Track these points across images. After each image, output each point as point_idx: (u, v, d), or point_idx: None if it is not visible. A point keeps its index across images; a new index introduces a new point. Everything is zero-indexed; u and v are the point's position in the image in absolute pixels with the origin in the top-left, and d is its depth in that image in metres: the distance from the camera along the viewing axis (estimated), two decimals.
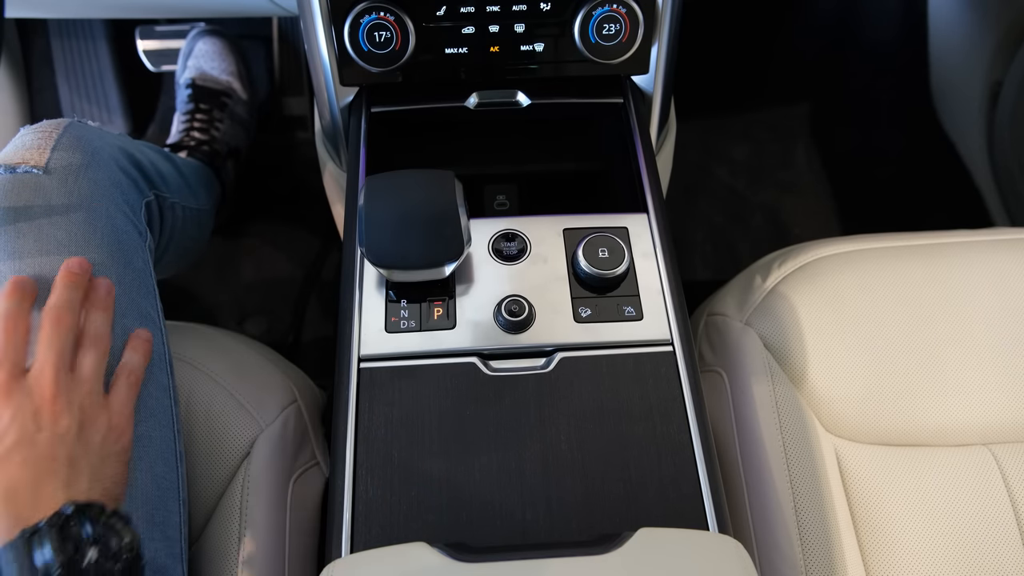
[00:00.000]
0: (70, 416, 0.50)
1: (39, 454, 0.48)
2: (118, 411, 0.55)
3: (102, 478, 0.51)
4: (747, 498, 0.70)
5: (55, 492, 0.47)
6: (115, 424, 0.54)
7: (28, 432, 0.48)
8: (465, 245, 0.55)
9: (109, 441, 0.53)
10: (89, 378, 0.53)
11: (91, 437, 0.51)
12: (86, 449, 0.50)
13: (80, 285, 0.57)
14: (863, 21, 1.55)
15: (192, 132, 1.18)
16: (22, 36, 1.33)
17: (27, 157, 0.64)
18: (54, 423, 0.49)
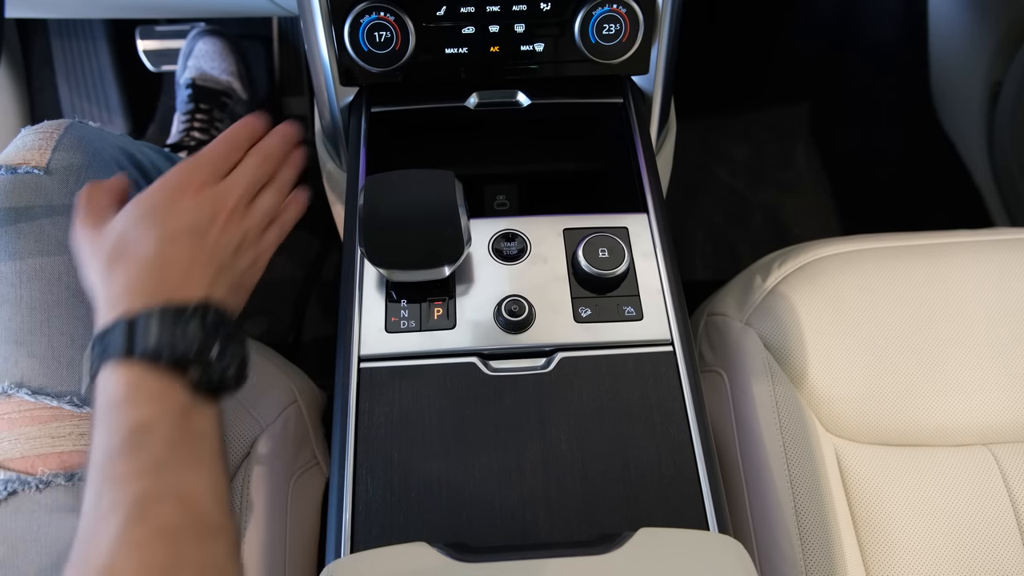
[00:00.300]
0: (234, 233, 0.54)
1: (200, 249, 0.51)
2: (264, 250, 0.58)
3: (236, 295, 0.55)
4: (747, 498, 0.70)
5: (200, 285, 0.50)
6: (258, 260, 0.58)
7: (201, 226, 0.52)
8: (465, 245, 0.55)
9: (250, 273, 0.56)
10: (260, 214, 0.57)
11: (240, 260, 0.55)
12: (232, 267, 0.54)
13: (291, 143, 0.62)
14: (863, 21, 1.55)
15: (192, 132, 1.19)
16: (22, 36, 1.34)
17: (28, 158, 0.64)
18: (222, 232, 0.53)
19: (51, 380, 0.59)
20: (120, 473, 0.41)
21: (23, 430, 0.57)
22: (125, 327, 0.46)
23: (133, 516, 0.39)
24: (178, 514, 0.41)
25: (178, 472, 0.42)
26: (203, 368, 0.46)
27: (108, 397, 0.44)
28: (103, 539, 0.39)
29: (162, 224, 0.51)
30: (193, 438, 0.45)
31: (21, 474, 0.56)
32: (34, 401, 0.58)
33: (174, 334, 0.45)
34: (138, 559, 0.38)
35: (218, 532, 0.42)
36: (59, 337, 0.60)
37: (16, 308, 0.60)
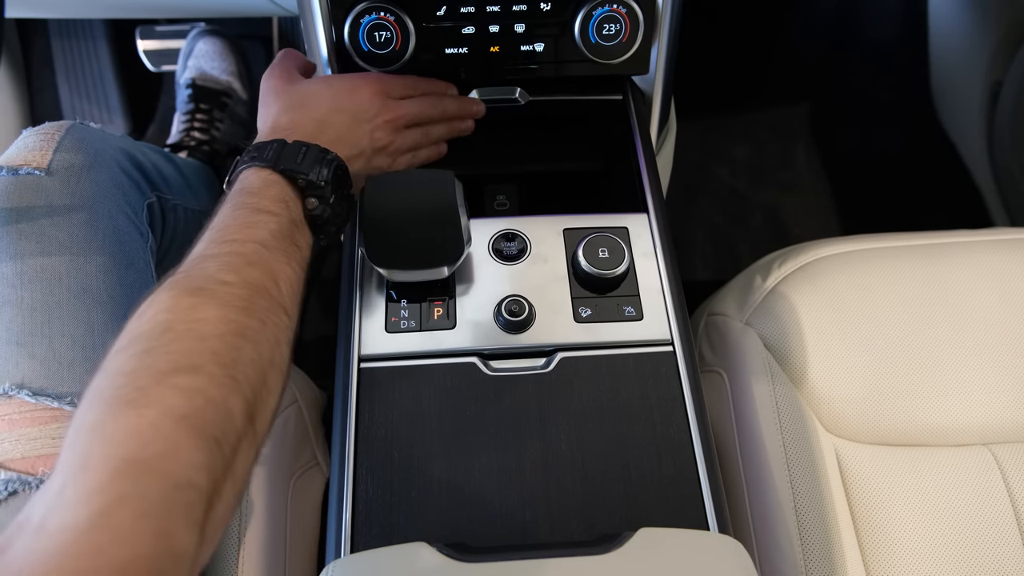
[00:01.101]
0: (383, 136, 0.63)
1: (357, 129, 0.61)
2: (395, 165, 0.65)
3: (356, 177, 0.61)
4: (747, 498, 0.70)
5: (344, 151, 0.59)
6: (385, 169, 0.64)
7: (366, 116, 0.62)
8: (465, 245, 0.55)
9: (374, 171, 0.63)
10: (406, 138, 0.66)
11: (375, 158, 0.63)
12: (368, 157, 0.62)
13: (465, 113, 0.70)
14: (863, 21, 1.55)
15: (193, 132, 1.18)
16: (22, 36, 1.33)
17: (29, 159, 0.64)
18: (376, 129, 0.63)
19: (52, 381, 0.59)
20: (231, 236, 0.48)
21: (24, 431, 0.57)
22: (280, 146, 0.55)
23: (230, 265, 0.46)
24: (264, 280, 0.47)
25: (274, 256, 0.49)
26: (321, 201, 0.54)
27: (245, 185, 0.53)
28: (201, 272, 0.45)
29: (338, 99, 0.62)
30: (293, 243, 0.52)
31: (22, 474, 0.56)
32: (35, 402, 0.58)
33: (312, 168, 0.54)
34: (221, 296, 0.43)
35: (285, 312, 0.48)
36: (60, 338, 0.60)
37: (17, 309, 0.60)
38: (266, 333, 0.44)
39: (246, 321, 0.43)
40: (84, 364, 0.60)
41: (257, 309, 0.44)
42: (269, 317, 0.45)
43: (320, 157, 0.55)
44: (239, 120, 1.25)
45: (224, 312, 0.42)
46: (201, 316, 0.41)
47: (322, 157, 0.55)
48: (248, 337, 0.42)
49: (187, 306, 0.42)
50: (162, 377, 0.38)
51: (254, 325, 0.43)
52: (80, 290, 0.61)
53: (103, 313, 0.62)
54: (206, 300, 0.43)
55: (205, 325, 0.41)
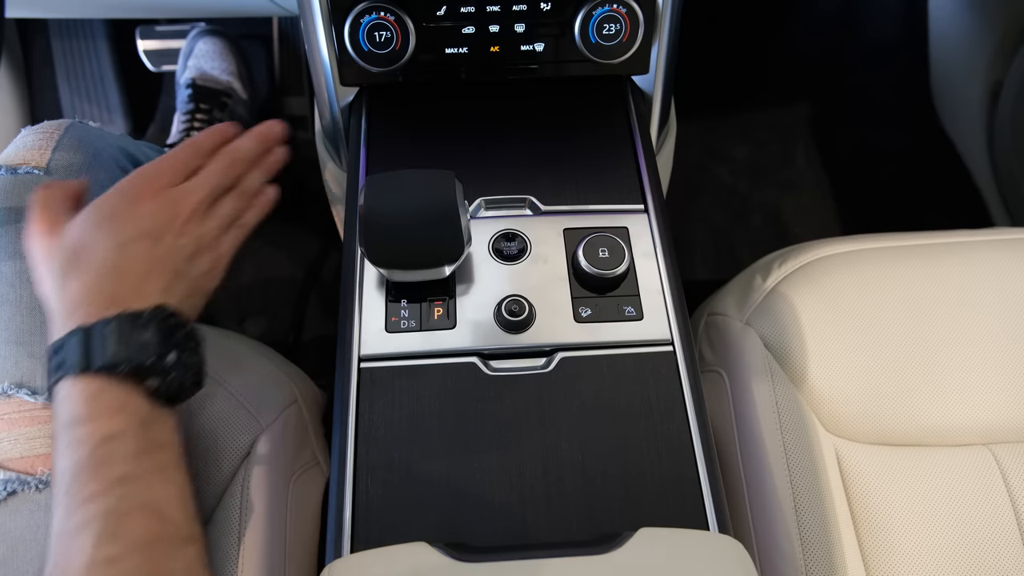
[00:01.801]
0: (191, 238, 0.53)
1: (156, 254, 0.51)
2: (222, 255, 0.57)
3: (193, 299, 0.54)
4: (747, 498, 0.70)
5: (155, 291, 0.50)
6: (215, 265, 0.56)
7: (157, 231, 0.51)
8: (465, 245, 0.55)
9: (207, 277, 0.55)
10: (218, 218, 0.56)
11: (196, 265, 0.54)
12: (188, 272, 0.53)
13: (266, 145, 0.61)
14: (863, 21, 1.55)
15: (192, 132, 1.19)
16: (22, 36, 1.34)
17: (28, 158, 0.64)
18: (178, 237, 0.52)
19: None
20: (88, 490, 0.41)
21: (23, 430, 0.57)
22: (82, 338, 0.45)
23: (105, 532, 0.39)
24: (149, 526, 0.41)
25: (145, 483, 0.42)
26: (161, 376, 0.46)
27: (69, 412, 0.44)
28: (77, 559, 0.39)
29: (118, 230, 0.50)
30: (157, 448, 0.45)
31: (21, 474, 0.56)
32: (34, 401, 0.58)
33: (130, 344, 0.45)
34: (116, 569, 0.38)
35: (189, 540, 0.43)
36: None
37: (16, 308, 0.60)
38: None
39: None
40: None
41: (160, 569, 0.40)
42: (175, 564, 0.41)
43: (132, 324, 0.46)
44: (239, 120, 1.25)
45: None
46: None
47: (134, 323, 0.46)
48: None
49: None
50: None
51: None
52: None
53: None
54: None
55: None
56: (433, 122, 0.70)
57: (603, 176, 0.66)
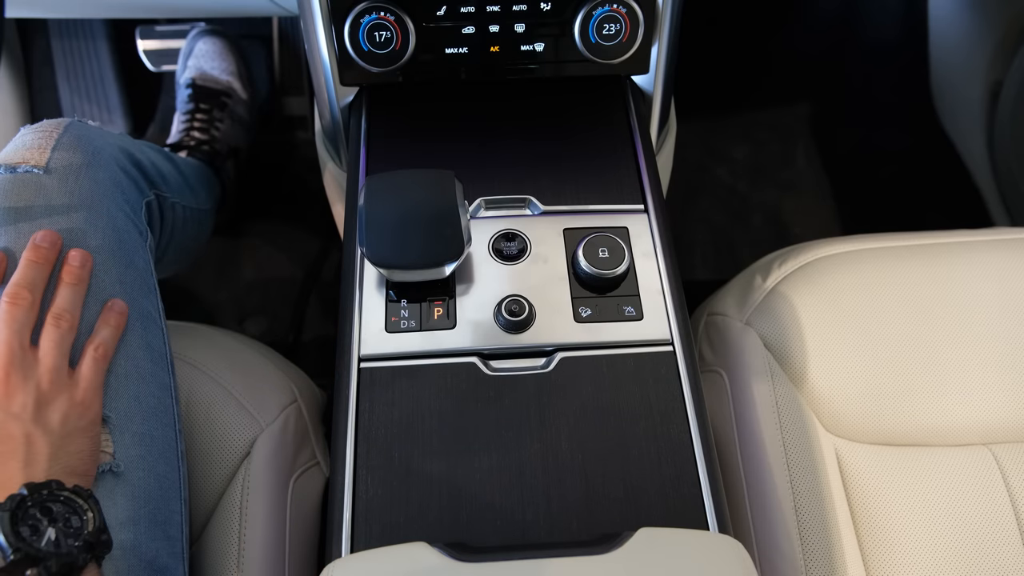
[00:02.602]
0: (25, 393, 0.50)
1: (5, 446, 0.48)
2: (84, 386, 0.54)
3: (65, 455, 0.50)
4: (747, 498, 0.70)
5: (13, 473, 0.47)
6: (80, 400, 0.53)
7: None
8: (465, 245, 0.55)
9: (72, 417, 0.52)
10: (49, 355, 0.53)
11: (49, 415, 0.50)
12: (45, 427, 0.49)
13: (46, 261, 0.56)
14: (864, 21, 1.55)
15: (192, 132, 1.19)
16: (23, 36, 1.34)
17: (28, 157, 0.64)
18: (8, 402, 0.49)
19: None
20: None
21: None
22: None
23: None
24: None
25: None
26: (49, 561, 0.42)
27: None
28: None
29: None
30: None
31: None
32: None
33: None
34: None
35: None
36: None
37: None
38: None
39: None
40: None
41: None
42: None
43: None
44: (239, 120, 1.25)
45: None
46: None
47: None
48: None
49: None
50: None
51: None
52: None
53: None
54: None
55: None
56: (433, 122, 0.70)
57: (603, 176, 0.66)
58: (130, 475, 0.58)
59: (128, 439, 0.59)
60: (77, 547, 0.44)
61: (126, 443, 0.59)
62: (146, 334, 0.64)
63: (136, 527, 0.57)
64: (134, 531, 0.57)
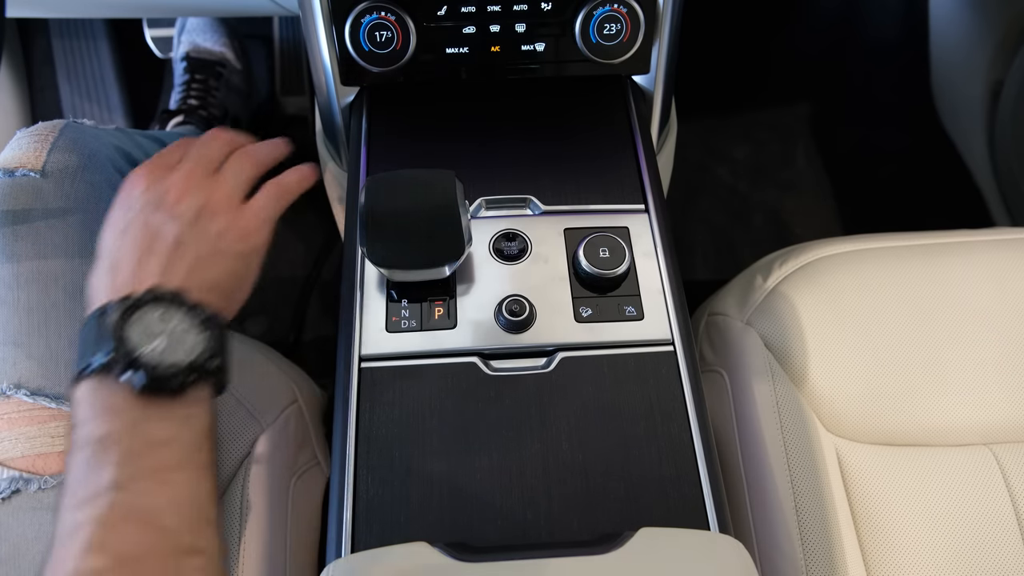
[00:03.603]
0: (191, 200, 0.49)
1: (150, 231, 0.47)
2: (251, 215, 0.52)
3: (210, 271, 0.48)
4: (748, 498, 0.70)
5: (149, 272, 0.46)
6: (243, 225, 0.51)
7: (149, 207, 0.48)
8: (466, 245, 0.55)
9: (230, 237, 0.50)
10: (228, 180, 0.52)
11: (208, 227, 0.49)
12: (199, 237, 0.48)
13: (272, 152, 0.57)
14: (864, 21, 1.55)
15: (189, 100, 1.19)
16: (23, 36, 1.34)
17: (24, 160, 0.65)
18: (174, 204, 0.49)
19: (49, 381, 0.59)
20: (80, 495, 0.38)
21: (23, 430, 0.57)
22: (81, 341, 0.43)
23: (92, 542, 0.36)
24: (140, 537, 0.37)
25: (137, 490, 0.39)
26: (148, 370, 0.41)
27: (73, 416, 0.42)
28: (63, 567, 0.36)
29: (115, 222, 0.49)
30: (152, 448, 0.40)
31: (24, 473, 0.57)
32: (32, 402, 0.58)
33: (99, 339, 0.42)
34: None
35: (189, 552, 0.38)
36: (56, 339, 0.60)
37: (14, 310, 0.60)
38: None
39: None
40: None
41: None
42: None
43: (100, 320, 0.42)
44: (235, 89, 1.25)
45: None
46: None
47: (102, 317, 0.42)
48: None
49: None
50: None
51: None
52: (76, 290, 0.61)
53: None
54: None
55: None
56: (433, 122, 0.70)
57: (604, 176, 0.66)
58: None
59: None
60: (181, 366, 0.42)
61: None
62: None
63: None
64: None
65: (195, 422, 0.43)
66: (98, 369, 0.41)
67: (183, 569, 0.37)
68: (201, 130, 1.14)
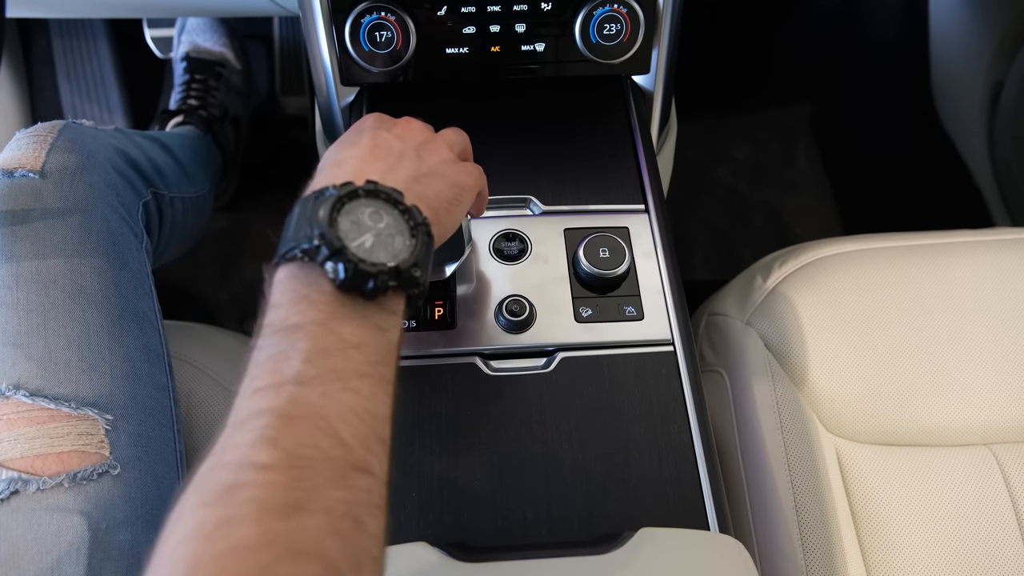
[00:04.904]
0: (416, 135, 0.50)
1: (378, 142, 0.47)
2: (465, 166, 0.51)
3: (425, 184, 0.47)
4: (748, 498, 0.70)
5: (372, 170, 0.45)
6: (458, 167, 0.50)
7: (378, 129, 0.48)
8: (466, 246, 0.55)
9: (447, 168, 0.49)
10: (444, 136, 0.52)
11: (429, 152, 0.49)
12: (420, 156, 0.48)
13: None
14: (864, 20, 1.55)
15: (189, 100, 1.19)
16: (23, 36, 1.34)
17: (23, 161, 0.65)
18: (402, 134, 0.49)
19: (48, 382, 0.59)
20: (261, 382, 0.36)
21: (22, 431, 0.57)
22: (291, 221, 0.41)
23: (264, 435, 0.33)
24: (315, 439, 0.34)
25: (320, 390, 0.36)
26: (352, 263, 0.38)
27: (267, 300, 0.39)
28: (231, 454, 0.34)
29: (343, 139, 0.49)
30: (339, 349, 0.37)
31: (23, 474, 0.57)
32: (31, 403, 0.58)
33: (311, 222, 0.39)
34: (257, 491, 0.32)
35: (358, 469, 0.35)
36: (56, 339, 0.60)
37: (13, 311, 0.60)
38: (334, 524, 0.32)
39: (297, 525, 0.31)
40: (80, 364, 0.60)
41: (314, 495, 0.32)
42: (334, 494, 0.33)
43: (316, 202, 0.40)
44: (235, 89, 1.25)
45: (263, 524, 0.31)
46: (233, 542, 0.30)
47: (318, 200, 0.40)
48: (305, 551, 0.31)
49: (213, 528, 0.31)
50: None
51: (312, 525, 0.32)
52: (75, 291, 0.61)
53: (98, 314, 0.62)
54: (236, 510, 0.31)
55: (238, 559, 0.30)
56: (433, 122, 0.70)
57: (604, 176, 0.66)
58: (127, 476, 0.58)
59: (124, 440, 0.59)
60: (385, 267, 0.39)
61: (122, 444, 0.59)
62: (142, 335, 0.64)
63: (134, 527, 0.57)
64: (132, 532, 0.57)
65: (386, 334, 0.40)
66: (302, 253, 0.38)
67: (352, 485, 0.34)
68: (201, 130, 1.14)
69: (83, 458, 0.57)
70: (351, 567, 0.32)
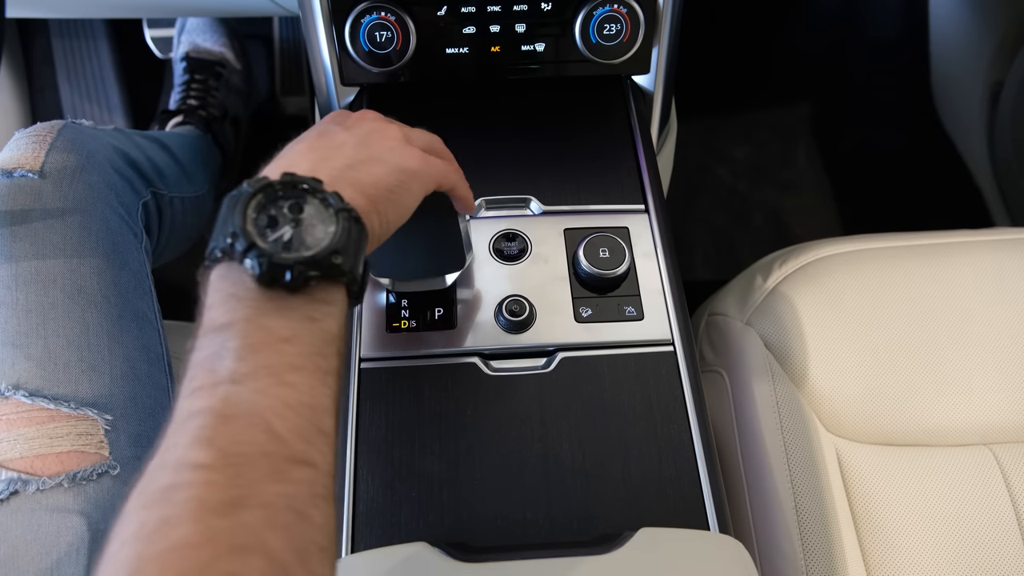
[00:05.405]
0: (368, 124, 0.48)
1: (320, 135, 0.47)
2: (418, 152, 0.49)
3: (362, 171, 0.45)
4: (748, 498, 0.70)
5: (304, 164, 0.44)
6: (408, 152, 0.48)
7: (327, 123, 0.48)
8: (467, 255, 0.55)
9: (392, 154, 0.47)
10: (406, 128, 0.51)
11: (374, 141, 0.47)
12: (361, 143, 0.47)
13: None
14: (864, 20, 1.55)
15: (188, 100, 1.19)
16: (23, 36, 1.34)
17: (23, 161, 0.65)
18: (353, 125, 0.48)
19: (48, 382, 0.59)
20: (198, 383, 0.36)
21: (22, 431, 0.57)
22: (216, 221, 0.40)
23: (202, 436, 0.34)
24: (250, 436, 0.34)
25: (255, 386, 0.35)
26: (266, 257, 0.37)
27: (201, 302, 0.39)
28: (172, 453, 0.34)
29: (297, 138, 0.47)
30: (274, 345, 0.37)
31: (22, 474, 0.57)
32: (31, 403, 0.58)
33: (227, 221, 0.38)
34: (196, 490, 0.32)
35: (297, 462, 0.35)
36: (55, 339, 0.60)
37: (12, 311, 0.60)
38: (275, 518, 0.32)
39: (237, 522, 0.31)
40: (79, 364, 0.60)
41: (252, 490, 0.32)
42: (273, 488, 0.33)
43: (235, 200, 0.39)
44: (235, 89, 1.25)
45: (202, 523, 0.31)
46: (174, 542, 0.30)
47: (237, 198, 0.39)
48: (246, 546, 0.31)
49: (153, 529, 0.31)
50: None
51: (252, 520, 0.31)
52: (74, 291, 0.61)
53: (98, 314, 0.62)
54: (176, 509, 0.31)
55: (179, 558, 0.30)
56: (433, 122, 0.70)
57: (603, 176, 0.66)
58: (127, 476, 0.58)
59: (124, 440, 0.59)
60: (301, 258, 0.38)
61: (122, 444, 0.59)
62: (142, 335, 0.64)
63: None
64: None
65: (320, 324, 0.39)
66: (222, 253, 0.38)
67: (290, 478, 0.34)
68: (201, 130, 1.14)
69: (83, 458, 0.57)
70: (297, 559, 0.32)
